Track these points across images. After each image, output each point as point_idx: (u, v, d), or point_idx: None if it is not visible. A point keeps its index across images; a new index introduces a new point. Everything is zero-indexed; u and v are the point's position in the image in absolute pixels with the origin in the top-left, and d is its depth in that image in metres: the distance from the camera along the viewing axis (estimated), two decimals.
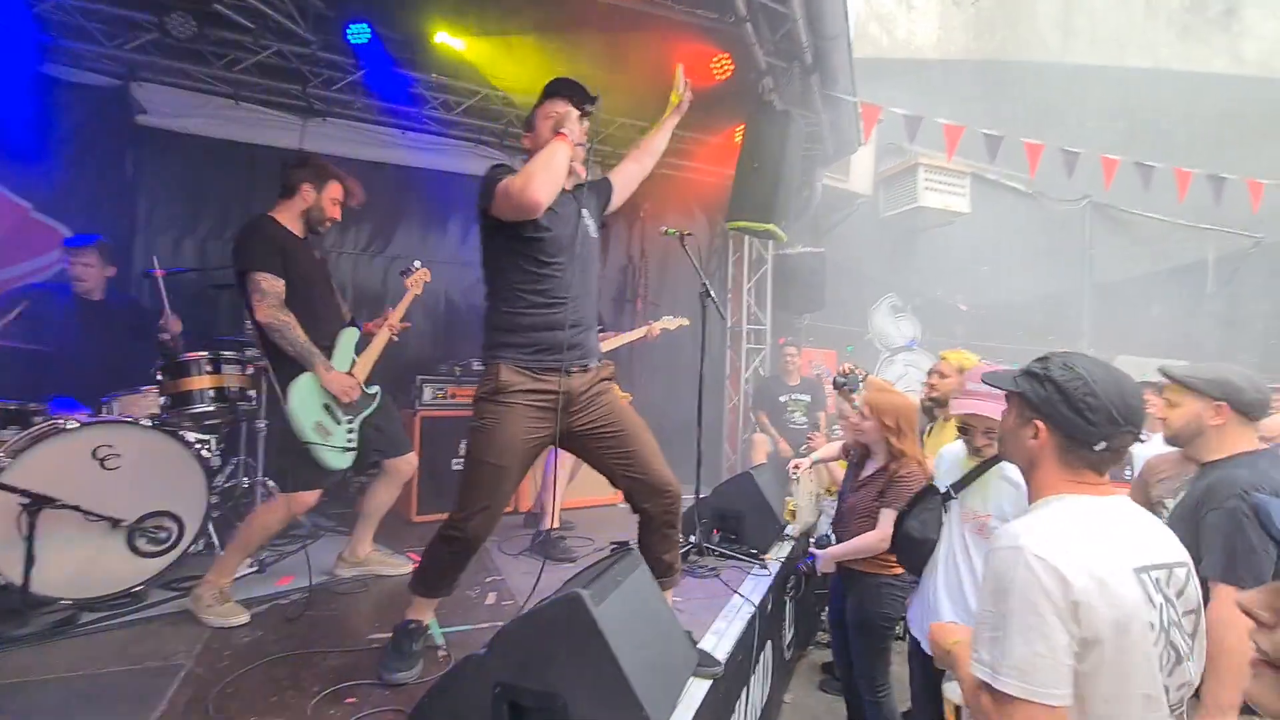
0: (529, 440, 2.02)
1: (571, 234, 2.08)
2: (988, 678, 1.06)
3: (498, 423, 1.98)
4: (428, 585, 2.14)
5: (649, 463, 2.11)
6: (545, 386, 2.02)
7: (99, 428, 2.62)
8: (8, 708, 1.84)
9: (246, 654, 2.21)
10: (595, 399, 2.11)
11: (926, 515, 2.24)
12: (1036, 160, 5.34)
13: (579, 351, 2.08)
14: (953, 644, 1.27)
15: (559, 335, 2.02)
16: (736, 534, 3.56)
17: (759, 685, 2.89)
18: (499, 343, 2.04)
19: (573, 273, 2.07)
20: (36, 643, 2.22)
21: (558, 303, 2.03)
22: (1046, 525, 1.11)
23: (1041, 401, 1.19)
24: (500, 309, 2.06)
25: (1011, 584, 1.05)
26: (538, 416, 2.01)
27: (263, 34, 4.41)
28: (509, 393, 1.98)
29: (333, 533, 3.78)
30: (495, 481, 1.99)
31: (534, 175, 1.91)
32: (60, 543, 2.43)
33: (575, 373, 2.06)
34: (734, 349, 6.44)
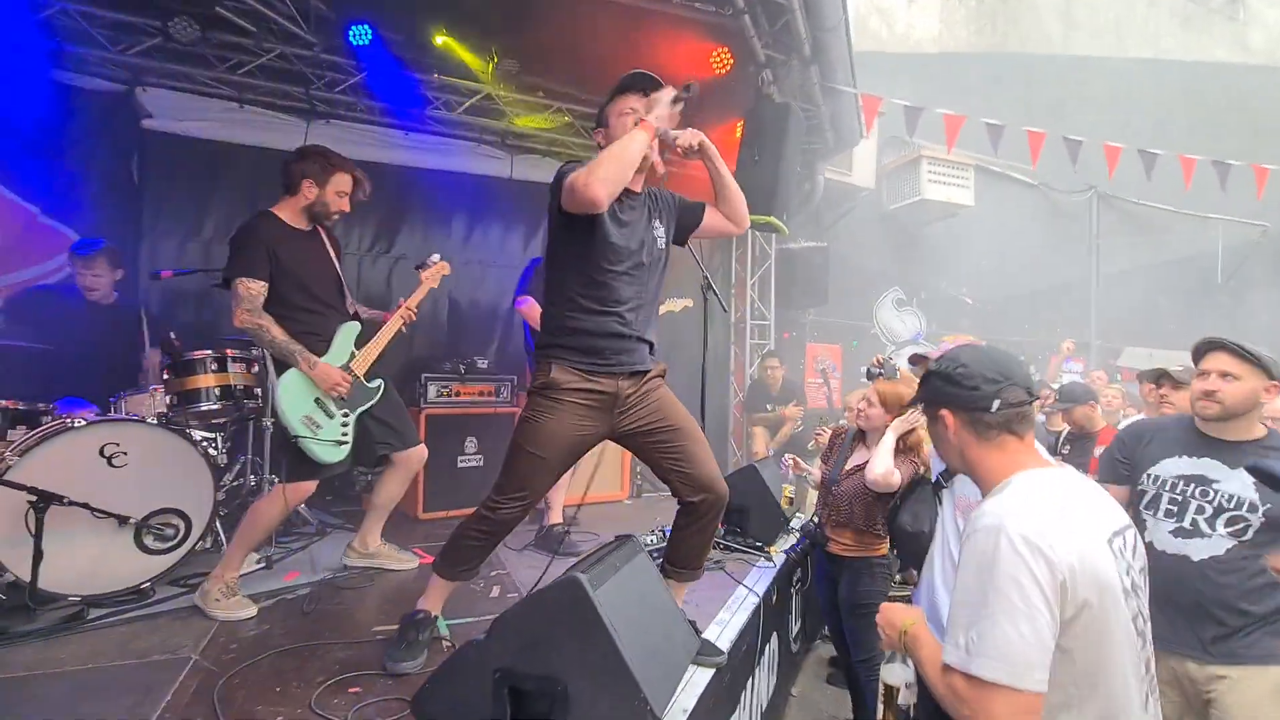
0: (574, 436, 2.03)
1: (637, 245, 2.05)
2: (960, 662, 1.05)
3: (545, 416, 2.00)
4: (451, 565, 2.15)
5: (699, 458, 2.10)
6: (595, 387, 2.01)
7: (106, 426, 2.65)
8: (17, 701, 1.86)
9: (252, 647, 2.22)
10: (645, 397, 2.10)
11: (918, 507, 2.25)
12: (1039, 150, 5.31)
13: (630, 358, 2.06)
14: (909, 624, 1.25)
15: (610, 342, 2.01)
16: (741, 527, 3.55)
17: (765, 677, 2.89)
18: (552, 343, 2.04)
19: (632, 281, 2.04)
20: (45, 638, 2.24)
21: (611, 311, 2.02)
22: (1022, 504, 1.12)
23: (934, 394, 1.32)
24: (556, 309, 2.05)
25: (995, 565, 1.05)
26: (586, 415, 2.02)
27: (265, 37, 4.46)
28: (560, 390, 1.99)
29: (339, 530, 3.80)
30: (532, 471, 2.02)
31: (599, 165, 1.81)
32: (68, 540, 2.45)
33: (627, 377, 2.06)
34: (738, 344, 6.44)
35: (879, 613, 1.35)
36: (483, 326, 5.58)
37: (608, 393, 2.02)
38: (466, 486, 4.13)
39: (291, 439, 2.53)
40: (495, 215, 5.69)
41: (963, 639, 1.06)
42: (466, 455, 4.29)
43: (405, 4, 4.41)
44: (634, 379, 2.08)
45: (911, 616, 1.28)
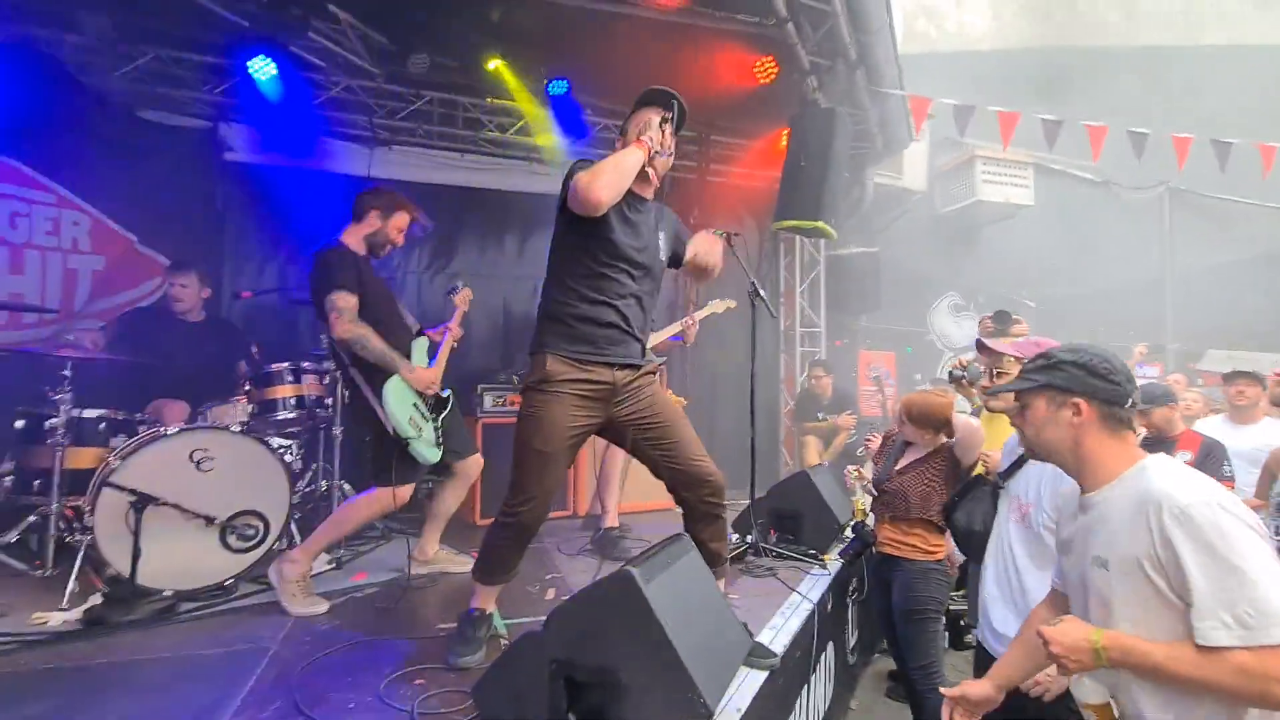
0: (573, 428, 2.07)
1: (640, 245, 2.13)
2: (1244, 639, 1.04)
3: (543, 411, 2.04)
4: (487, 572, 2.23)
5: (689, 453, 2.15)
6: (591, 377, 2.07)
7: (195, 433, 2.86)
8: (120, 682, 2.03)
9: (326, 639, 2.36)
10: (638, 391, 2.16)
11: (971, 506, 2.22)
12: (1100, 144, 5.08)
13: (623, 351, 2.12)
14: (1100, 637, 1.18)
15: (606, 332, 2.07)
16: (794, 534, 3.52)
17: (821, 687, 2.84)
18: (547, 332, 2.11)
19: (631, 278, 2.11)
20: (143, 628, 2.44)
21: (609, 302, 2.08)
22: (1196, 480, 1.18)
23: (1073, 381, 1.32)
24: (553, 299, 2.13)
25: (1228, 537, 1.08)
26: (582, 405, 2.07)
27: (333, 71, 4.77)
28: (555, 382, 2.04)
29: (402, 534, 3.96)
30: (542, 468, 2.06)
31: (601, 173, 1.94)
32: (162, 538, 2.65)
33: (620, 369, 2.11)
34: (788, 353, 6.38)
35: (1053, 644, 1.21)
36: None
37: (604, 382, 2.07)
38: None
39: (402, 441, 2.66)
40: (547, 230, 5.82)
41: (1229, 616, 1.06)
42: None
43: (458, 33, 4.64)
44: (628, 371, 2.13)
45: (1090, 631, 1.21)
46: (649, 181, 2.18)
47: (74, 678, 2.05)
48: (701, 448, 2.21)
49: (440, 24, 4.49)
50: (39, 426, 2.91)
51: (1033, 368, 1.41)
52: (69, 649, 2.24)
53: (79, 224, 4.28)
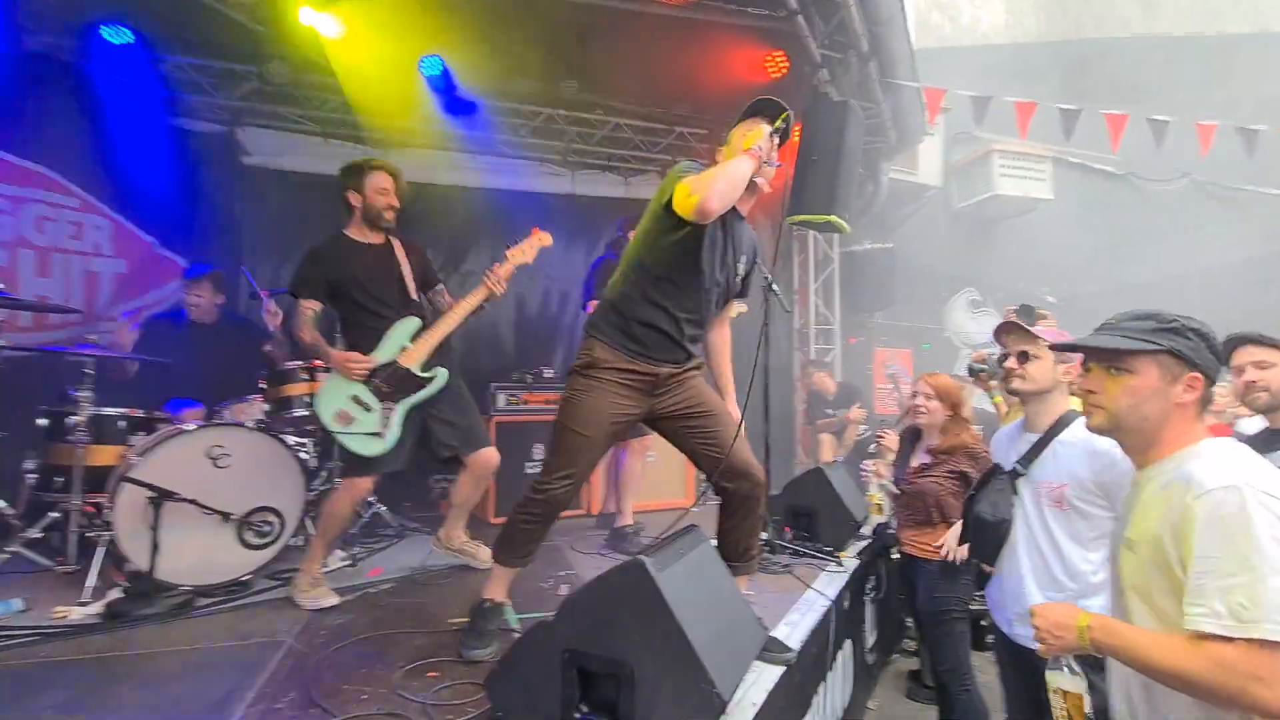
0: (615, 415, 2.09)
1: (723, 266, 2.14)
2: (1231, 629, 0.98)
3: (587, 394, 2.07)
4: (507, 549, 2.23)
5: (734, 444, 2.14)
6: (636, 368, 2.09)
7: (212, 430, 2.90)
8: (138, 673, 2.05)
9: (340, 633, 2.36)
10: (682, 383, 2.18)
11: (996, 497, 2.14)
12: (1119, 133, 4.98)
13: (671, 357, 2.14)
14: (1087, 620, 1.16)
15: (659, 338, 2.09)
16: (810, 531, 3.47)
17: (839, 685, 2.80)
18: (605, 322, 2.12)
19: (700, 298, 2.12)
20: (161, 621, 2.46)
21: (671, 314, 2.09)
22: (1246, 464, 1.09)
23: (1197, 353, 1.19)
24: (621, 291, 2.13)
25: (1250, 524, 1.01)
26: (625, 394, 2.09)
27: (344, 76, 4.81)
28: (600, 368, 2.07)
29: (417, 533, 3.97)
30: (577, 450, 2.08)
31: (714, 181, 1.90)
32: (180, 534, 2.68)
33: (665, 365, 2.13)
34: (802, 350, 6.33)
35: (1037, 617, 1.22)
36: (548, 337, 5.76)
37: (648, 374, 2.09)
38: None
39: (325, 433, 2.70)
40: (558, 230, 5.80)
41: (1221, 605, 1.00)
42: (534, 461, 4.40)
43: (470, 35, 4.66)
44: (672, 367, 2.15)
45: (1079, 612, 1.19)
46: (754, 193, 2.14)
47: (93, 669, 2.07)
48: (744, 439, 2.20)
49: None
50: (61, 424, 2.96)
51: (1148, 329, 1.22)
52: (88, 641, 2.27)
53: (101, 228, 4.36)
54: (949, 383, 2.78)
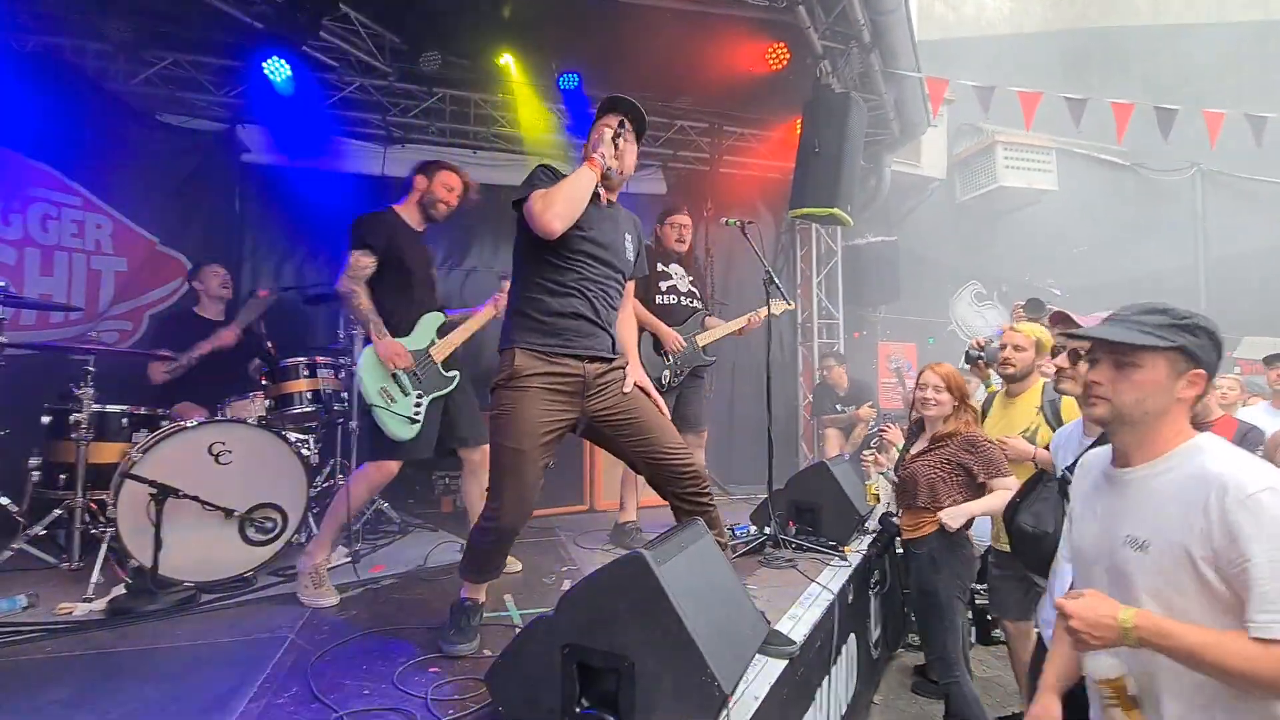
0: (547, 424, 2.01)
1: (604, 239, 2.11)
2: None
3: (514, 407, 1.99)
4: (474, 571, 2.22)
5: (667, 446, 2.09)
6: (560, 369, 2.02)
7: (214, 427, 2.90)
8: (141, 668, 2.06)
9: (342, 629, 2.37)
10: (609, 385, 2.11)
11: (1039, 506, 2.03)
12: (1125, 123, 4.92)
13: (591, 343, 2.08)
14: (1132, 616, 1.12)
15: (574, 323, 2.04)
16: (813, 526, 3.46)
17: (843, 679, 2.78)
18: (515, 328, 2.08)
19: (596, 268, 2.09)
20: (164, 617, 2.47)
21: (578, 292, 2.06)
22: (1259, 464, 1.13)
23: (1204, 351, 1.20)
24: (520, 295, 2.11)
25: None
26: (553, 399, 2.01)
27: (346, 71, 4.81)
28: (523, 377, 1.99)
29: (420, 529, 3.98)
30: (516, 467, 1.99)
31: (553, 203, 1.93)
32: (183, 531, 2.69)
33: (590, 361, 2.07)
34: (806, 344, 6.31)
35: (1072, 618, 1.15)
36: None
37: (573, 374, 2.03)
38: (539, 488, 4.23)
39: (367, 407, 2.70)
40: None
41: None
42: None
43: (469, 29, 4.65)
44: (599, 364, 2.09)
45: (1118, 608, 1.14)
46: (613, 187, 2.17)
47: (96, 664, 2.08)
48: (679, 440, 2.15)
49: (451, 21, 4.51)
50: (64, 422, 2.97)
51: (1162, 324, 1.21)
52: (92, 637, 2.28)
53: (102, 226, 4.37)
54: (956, 372, 2.76)
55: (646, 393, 2.20)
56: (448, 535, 3.74)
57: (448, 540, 3.58)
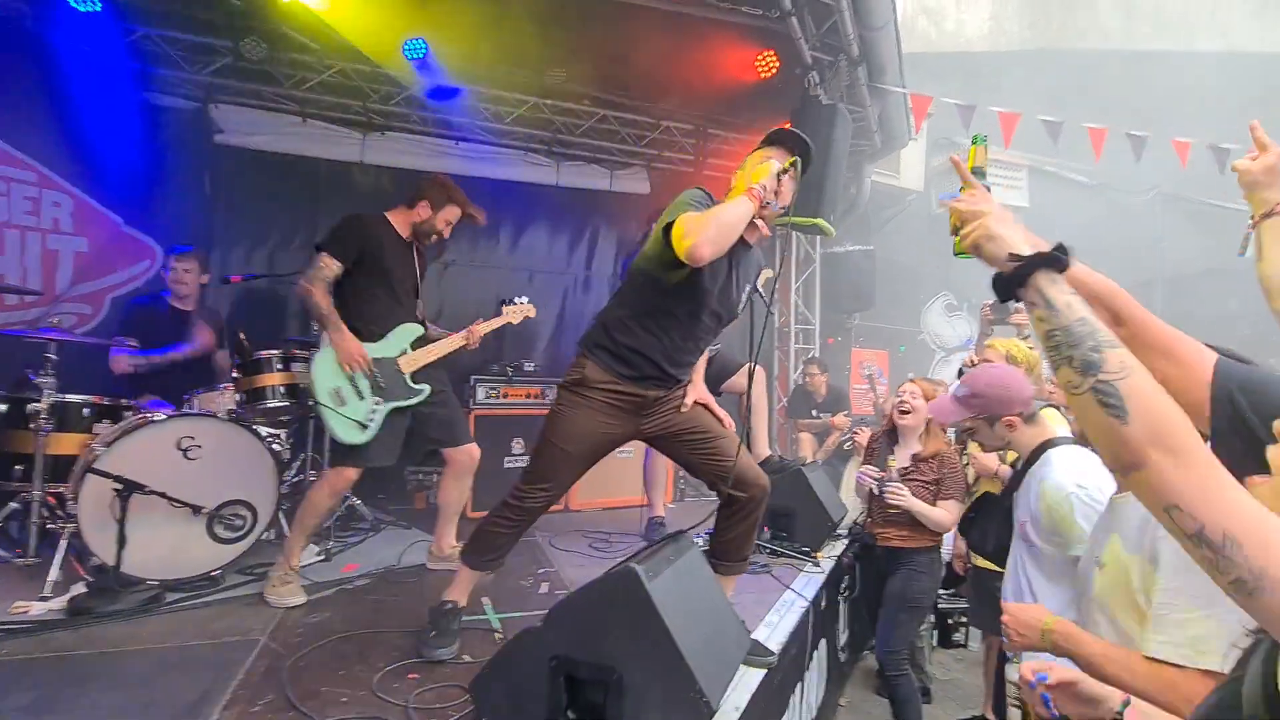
0: (600, 433, 2.09)
1: (726, 297, 2.12)
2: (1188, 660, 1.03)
3: (574, 412, 2.06)
4: (477, 553, 2.21)
5: (730, 452, 2.14)
6: (626, 389, 2.08)
7: (182, 420, 2.81)
8: (105, 673, 1.98)
9: (317, 632, 2.32)
10: (667, 404, 2.18)
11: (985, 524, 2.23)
12: (1100, 145, 5.11)
13: (659, 383, 2.13)
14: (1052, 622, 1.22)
15: (649, 369, 2.08)
16: (787, 531, 3.51)
17: (814, 684, 2.85)
18: (601, 342, 2.09)
19: (702, 327, 2.12)
20: (128, 618, 2.39)
21: (665, 345, 2.08)
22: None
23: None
24: (617, 315, 2.10)
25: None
26: (613, 414, 2.08)
27: (326, 53, 4.67)
28: (591, 386, 2.06)
29: (393, 526, 3.92)
30: (559, 464, 2.08)
31: (706, 228, 1.83)
32: (148, 528, 2.60)
33: (655, 389, 2.12)
34: (782, 349, 6.38)
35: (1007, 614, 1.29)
36: (529, 330, 5.68)
37: (638, 396, 2.09)
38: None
39: (311, 404, 2.66)
40: (542, 222, 5.82)
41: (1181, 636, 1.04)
42: (514, 456, 4.37)
43: (456, 18, 4.56)
44: (662, 390, 2.15)
45: (1046, 615, 1.25)
46: (755, 229, 2.09)
47: (56, 669, 2.00)
48: (741, 446, 2.20)
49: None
50: (20, 411, 2.84)
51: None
52: (51, 639, 2.19)
53: (60, 204, 4.17)
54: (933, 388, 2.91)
55: (708, 408, 2.25)
56: (420, 533, 3.69)
57: (421, 539, 3.53)
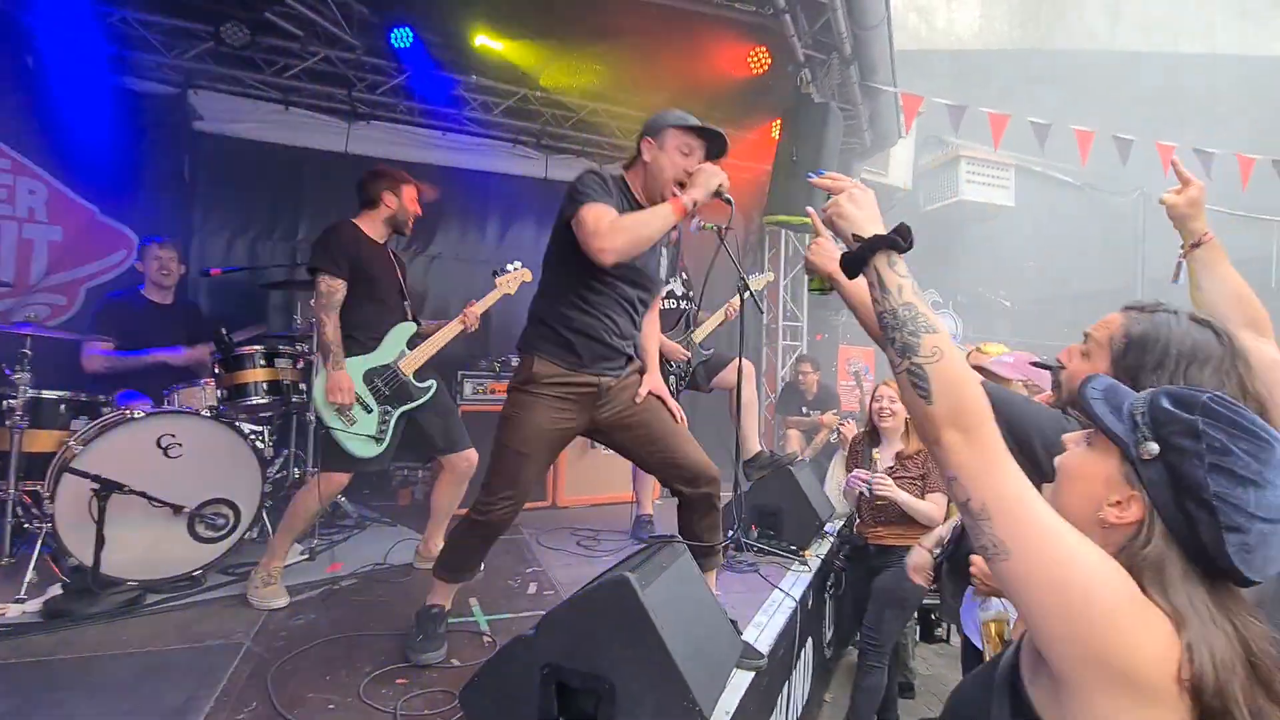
0: (555, 430, 2.05)
1: (642, 261, 2.06)
2: None
3: (525, 412, 2.02)
4: (450, 569, 2.19)
5: (682, 448, 2.13)
6: (576, 379, 2.04)
7: (162, 418, 2.74)
8: (84, 679, 1.94)
9: (302, 635, 2.29)
10: (623, 393, 2.14)
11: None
12: (1088, 148, 5.15)
13: (610, 364, 2.09)
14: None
15: (596, 347, 2.04)
16: (775, 530, 3.53)
17: (801, 682, 2.87)
18: (540, 336, 2.06)
19: (629, 290, 2.08)
20: (107, 620, 2.34)
21: (605, 315, 2.05)
22: None
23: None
24: (547, 303, 2.08)
25: None
26: (565, 408, 2.05)
27: (311, 40, 4.56)
28: (540, 384, 2.02)
29: (378, 523, 3.88)
30: (518, 468, 2.03)
31: (617, 235, 1.79)
32: (127, 527, 2.54)
33: (607, 374, 2.09)
34: (770, 346, 6.40)
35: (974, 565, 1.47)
36: (518, 324, 5.57)
37: (589, 385, 2.05)
38: None
39: (323, 429, 2.62)
40: (530, 215, 5.76)
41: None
42: None
43: (445, 7, 4.48)
44: (614, 375, 2.11)
45: None
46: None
47: (33, 674, 1.96)
48: (694, 442, 2.19)
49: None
50: None
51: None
52: (27, 643, 2.14)
53: (35, 192, 4.05)
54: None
55: (663, 400, 2.21)
56: (407, 531, 3.66)
57: (407, 537, 3.50)
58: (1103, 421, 0.78)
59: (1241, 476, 0.68)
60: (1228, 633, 0.67)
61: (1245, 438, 0.70)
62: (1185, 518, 0.70)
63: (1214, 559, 0.68)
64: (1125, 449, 0.75)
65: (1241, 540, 0.67)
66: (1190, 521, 0.70)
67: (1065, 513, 0.76)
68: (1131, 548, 0.72)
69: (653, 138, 2.03)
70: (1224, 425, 0.71)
